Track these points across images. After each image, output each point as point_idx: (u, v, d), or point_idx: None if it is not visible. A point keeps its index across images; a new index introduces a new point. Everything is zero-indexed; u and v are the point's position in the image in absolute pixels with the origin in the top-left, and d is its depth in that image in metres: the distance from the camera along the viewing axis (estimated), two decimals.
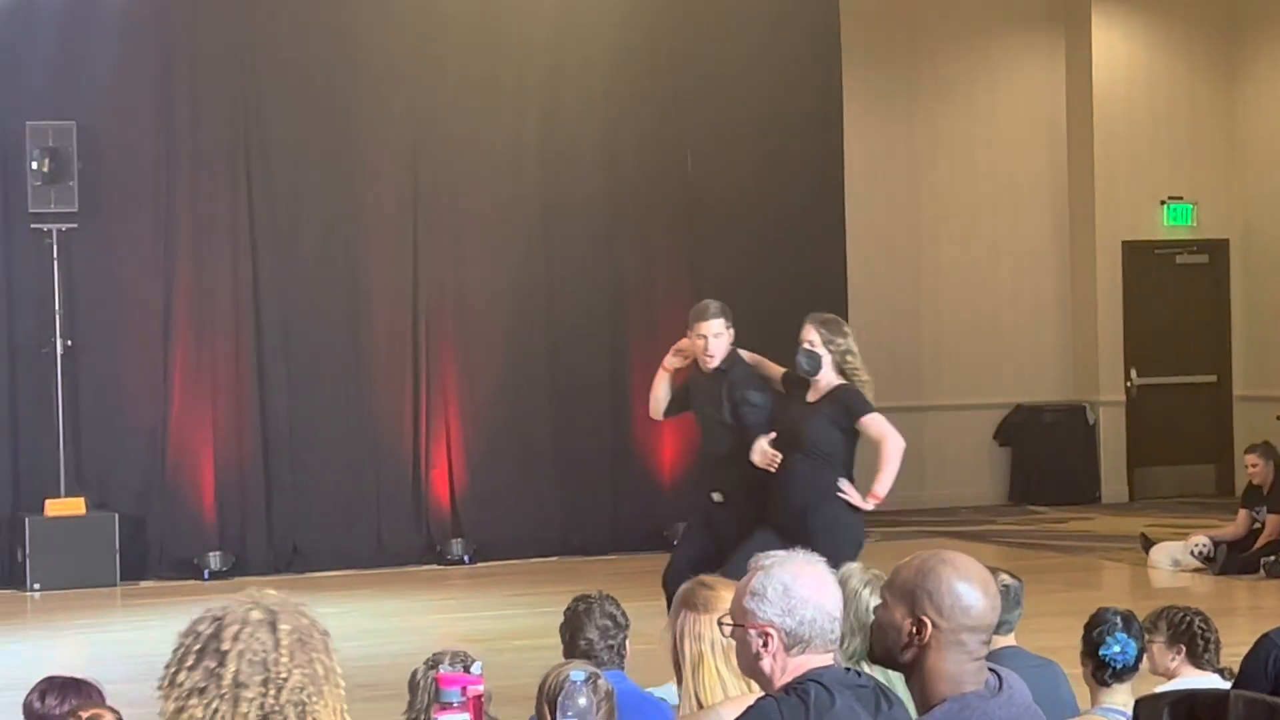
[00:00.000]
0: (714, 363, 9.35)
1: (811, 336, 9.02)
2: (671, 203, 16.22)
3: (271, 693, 3.76)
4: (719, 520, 9.27)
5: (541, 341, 15.84)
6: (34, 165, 14.15)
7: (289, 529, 15.09)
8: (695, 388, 9.54)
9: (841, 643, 4.83)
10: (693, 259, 16.26)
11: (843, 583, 5.07)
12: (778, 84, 16.38)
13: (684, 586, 5.02)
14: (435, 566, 15.14)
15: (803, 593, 4.20)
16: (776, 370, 9.48)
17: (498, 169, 15.70)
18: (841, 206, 16.72)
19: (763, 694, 4.18)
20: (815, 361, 9.00)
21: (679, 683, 4.92)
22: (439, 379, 15.50)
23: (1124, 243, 18.43)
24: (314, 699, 3.80)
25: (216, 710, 3.78)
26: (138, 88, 14.82)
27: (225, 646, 3.79)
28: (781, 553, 4.28)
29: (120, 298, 14.76)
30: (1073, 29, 18.39)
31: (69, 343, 14.42)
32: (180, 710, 3.79)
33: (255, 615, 3.83)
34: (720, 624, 4.36)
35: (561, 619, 5.88)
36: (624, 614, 5.91)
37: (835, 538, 8.43)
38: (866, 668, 4.44)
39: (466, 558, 15.23)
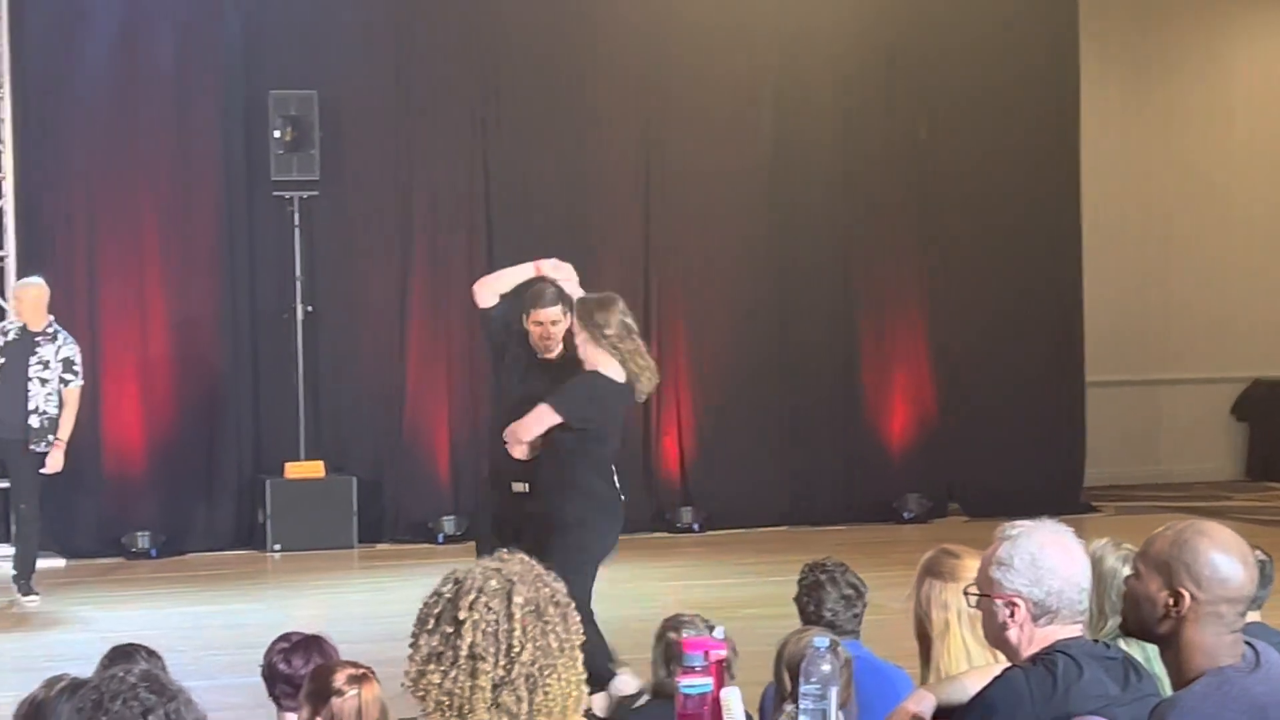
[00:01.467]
0: (554, 349, 8.99)
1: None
2: (904, 171, 16.10)
3: (503, 664, 3.80)
4: (515, 514, 8.86)
5: (772, 310, 15.82)
6: (276, 134, 14.43)
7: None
8: (535, 368, 9.07)
9: (1093, 621, 4.77)
10: (924, 227, 16.14)
11: (1098, 560, 5.00)
12: (1013, 51, 16.17)
13: (928, 555, 4.98)
14: (665, 534, 15.21)
15: (1050, 563, 4.14)
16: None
17: (730, 139, 15.69)
18: (1077, 177, 16.46)
19: (1009, 664, 4.15)
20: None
21: (922, 653, 4.88)
22: (670, 347, 15.54)
23: None
24: (546, 672, 3.82)
25: (455, 680, 3.82)
26: (377, 57, 15.03)
27: (461, 615, 3.82)
28: (1028, 522, 4.22)
29: (358, 264, 15.00)
30: None
31: (309, 309, 14.70)
32: (421, 675, 3.84)
33: (493, 584, 3.86)
34: (966, 593, 4.32)
35: (797, 587, 5.87)
36: (863, 582, 5.90)
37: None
38: (1122, 644, 4.37)
39: (696, 526, 15.28)
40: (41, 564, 13.62)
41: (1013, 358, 16.12)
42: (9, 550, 12.78)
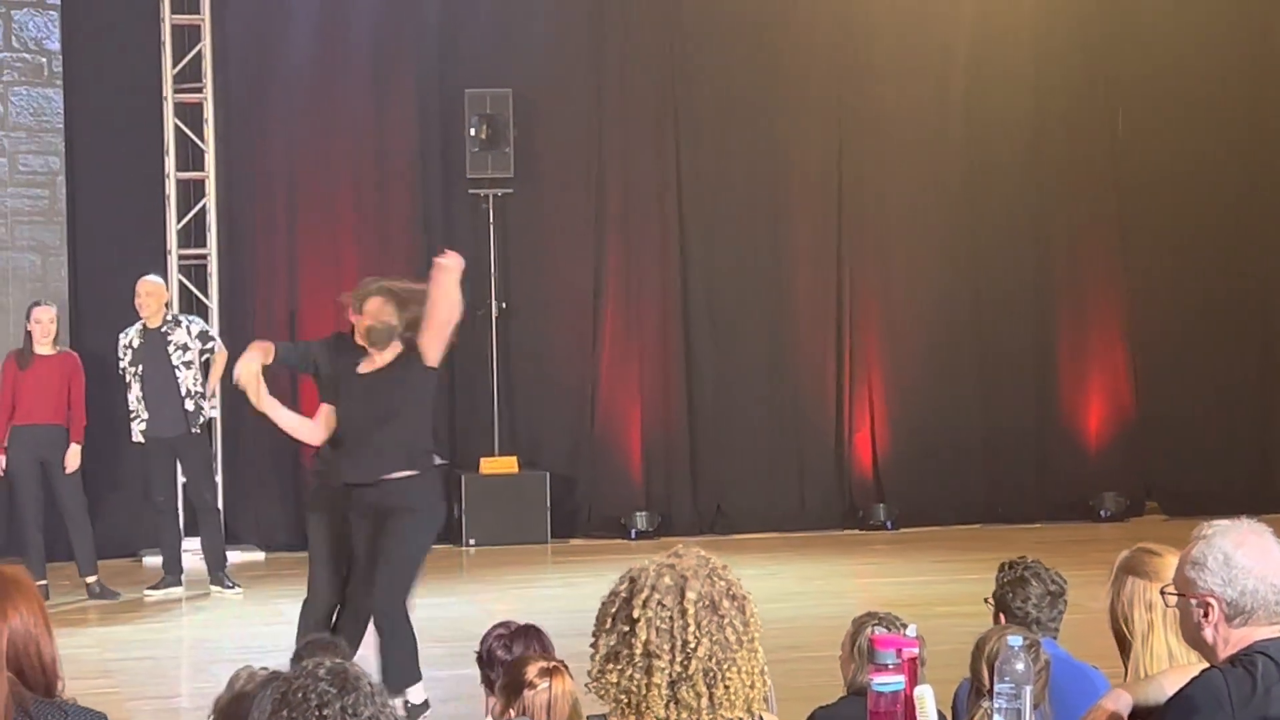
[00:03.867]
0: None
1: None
2: (1100, 167, 15.91)
3: (680, 660, 3.81)
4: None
5: (966, 305, 15.70)
6: (472, 132, 14.58)
7: (713, 490, 15.27)
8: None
9: None
10: (1122, 223, 15.94)
11: None
12: (1214, 40, 15.90)
13: (1127, 554, 4.91)
14: (857, 531, 15.16)
15: (1244, 562, 4.07)
16: None
17: (922, 132, 15.60)
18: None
19: (1208, 665, 4.09)
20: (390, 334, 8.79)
21: (1123, 653, 4.82)
22: (861, 342, 15.49)
23: None
24: (724, 665, 3.83)
25: (632, 678, 3.84)
26: (570, 55, 15.13)
27: (636, 613, 3.84)
28: (1225, 521, 4.16)
29: (552, 262, 15.11)
30: None
31: (503, 305, 14.83)
32: (601, 674, 3.87)
33: (666, 581, 3.88)
34: (1163, 593, 4.26)
35: (996, 583, 5.81)
36: (1065, 580, 5.83)
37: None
38: None
39: (889, 523, 15.21)
40: (241, 557, 13.92)
41: (1213, 353, 15.85)
42: (194, 544, 13.00)
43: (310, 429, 8.98)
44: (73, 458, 12.37)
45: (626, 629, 3.86)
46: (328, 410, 8.87)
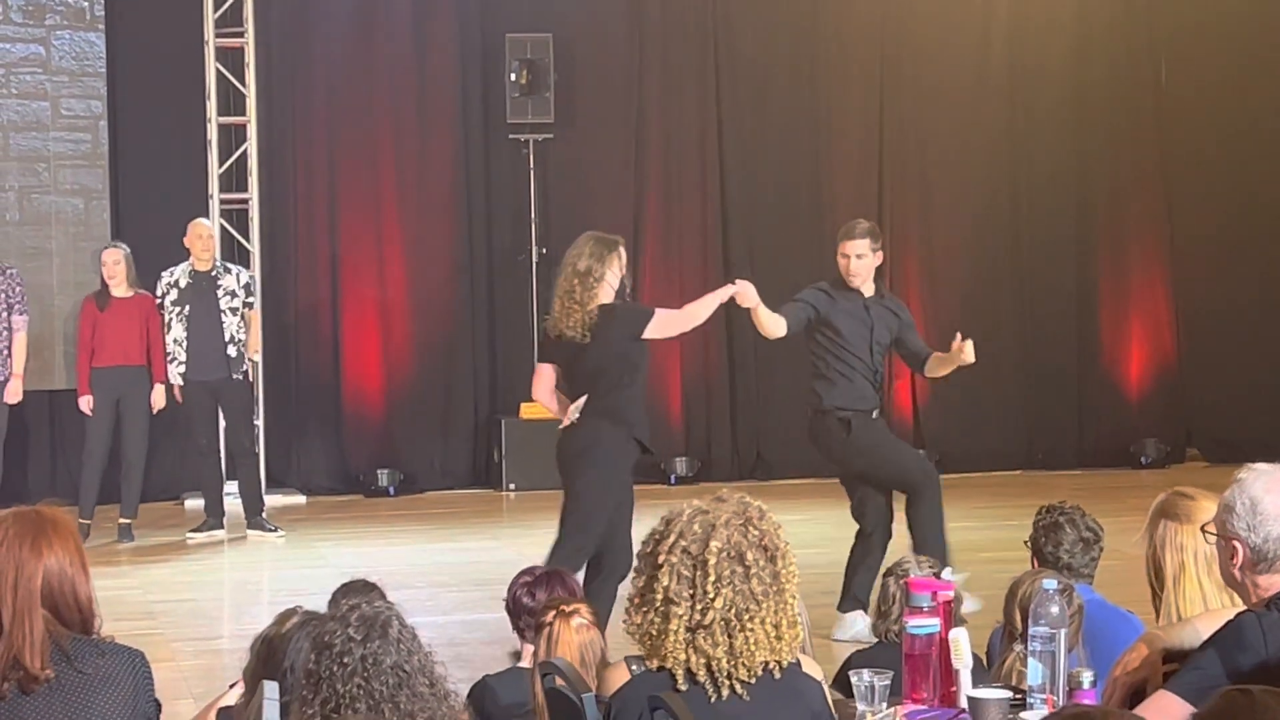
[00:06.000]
0: (857, 283, 9.20)
1: None
2: (1143, 115, 15.82)
3: (698, 609, 3.82)
4: None
5: (1007, 251, 15.66)
6: (512, 77, 14.56)
7: (753, 436, 15.28)
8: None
9: None
10: (1165, 172, 15.86)
11: None
12: None
13: (1162, 498, 4.91)
14: None
15: (1271, 509, 4.04)
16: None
17: (963, 80, 15.54)
18: None
19: (1243, 608, 4.08)
20: None
21: (1155, 595, 4.82)
22: (902, 288, 15.43)
23: None
24: (745, 617, 3.84)
25: (652, 621, 3.86)
26: (610, 0, 15.08)
27: (660, 559, 3.86)
28: (1265, 465, 4.14)
29: (592, 207, 15.08)
30: None
31: (543, 250, 14.83)
32: (627, 615, 3.89)
33: (695, 529, 3.89)
34: (1203, 530, 4.25)
35: (1033, 528, 5.81)
36: (1100, 526, 5.83)
37: None
38: None
39: None
40: (283, 500, 13.99)
41: (1255, 299, 15.78)
42: (234, 488, 13.06)
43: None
44: (158, 397, 12.45)
45: (651, 574, 3.89)
46: None
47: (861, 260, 9.35)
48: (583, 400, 8.35)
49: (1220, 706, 2.86)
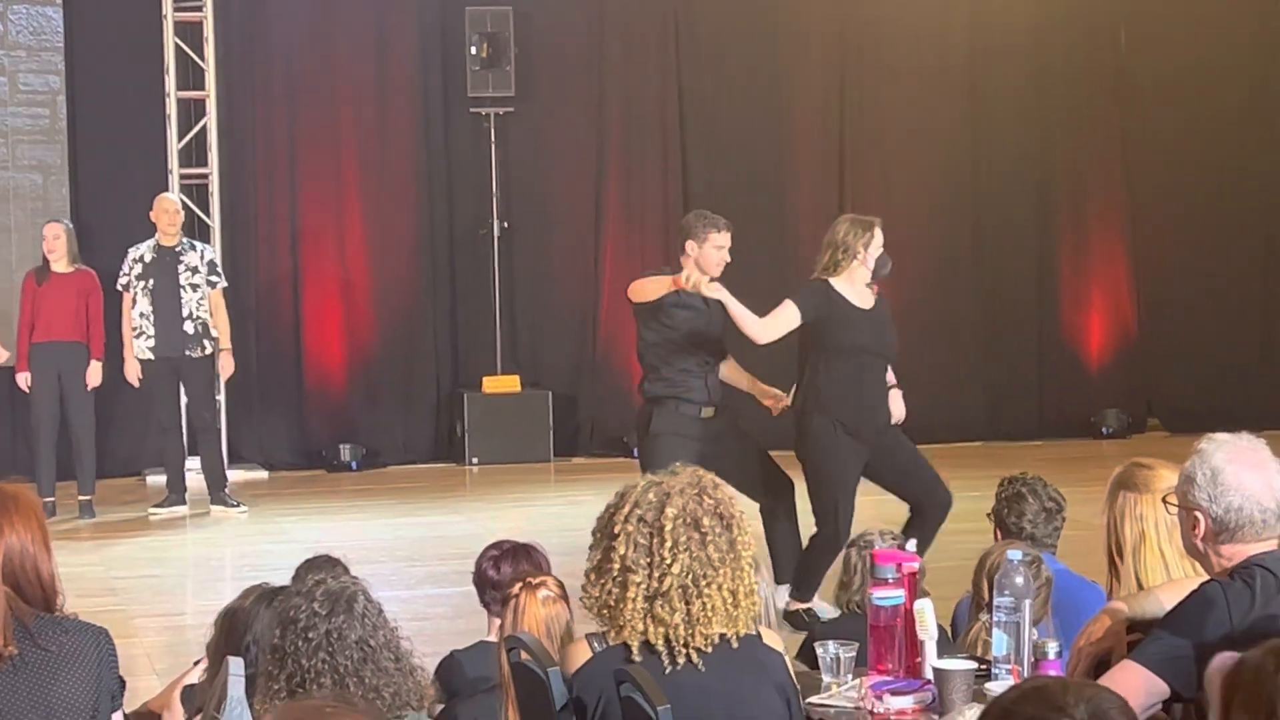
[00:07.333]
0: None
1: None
2: (1102, 83, 15.84)
3: (656, 576, 3.83)
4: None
5: (967, 222, 15.68)
6: (473, 50, 14.52)
7: None
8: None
9: None
10: (1124, 141, 15.89)
11: None
12: None
13: (1121, 469, 4.92)
14: None
15: (1231, 480, 4.04)
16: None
17: (923, 50, 15.53)
18: None
19: (1207, 578, 4.10)
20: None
21: (1114, 567, 4.83)
22: None
23: None
24: (703, 582, 3.85)
25: (610, 592, 3.87)
26: None
27: (616, 529, 3.88)
28: (1225, 435, 4.15)
29: (554, 180, 15.08)
30: None
31: (505, 224, 14.81)
32: (584, 589, 3.90)
33: (650, 498, 3.90)
34: (1165, 501, 4.26)
35: (995, 499, 5.82)
36: (1063, 496, 5.85)
37: None
38: None
39: None
40: (245, 475, 13.95)
41: (1215, 269, 15.83)
42: (196, 463, 13.01)
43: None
44: (94, 374, 12.38)
45: (608, 544, 3.90)
46: None
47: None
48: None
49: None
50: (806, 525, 9.11)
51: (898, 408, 9.06)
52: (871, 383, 8.85)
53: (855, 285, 8.84)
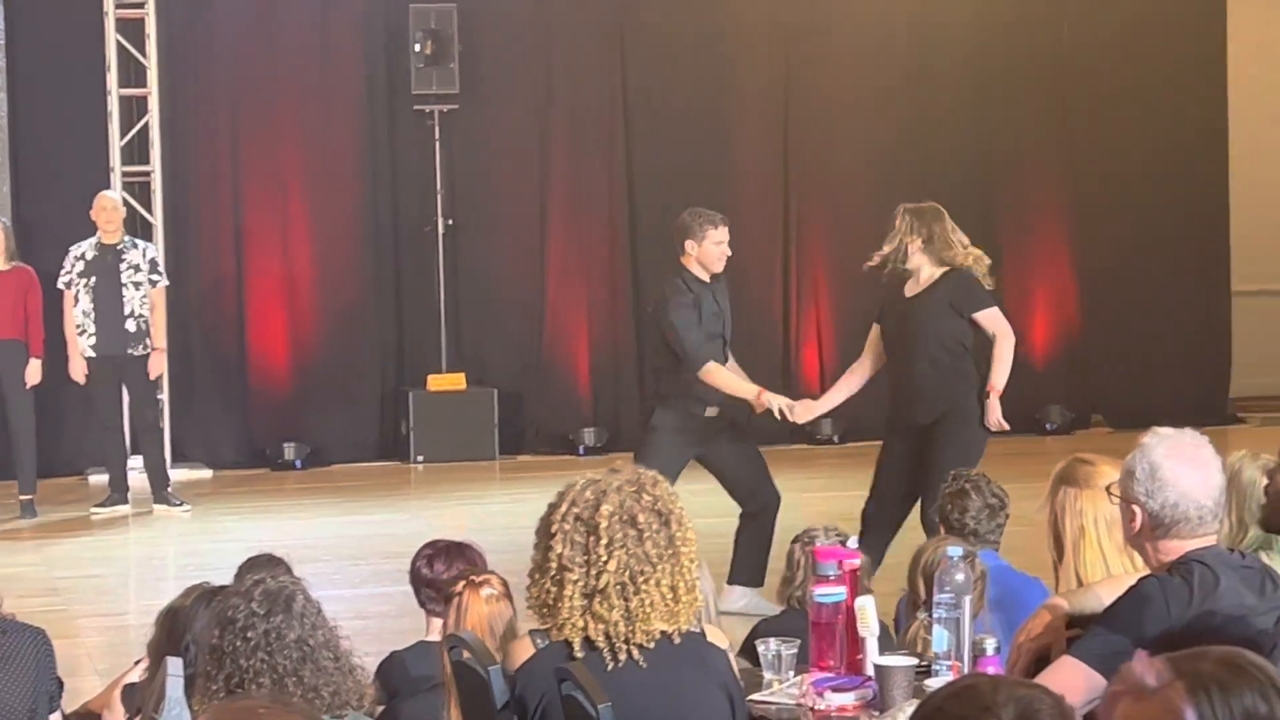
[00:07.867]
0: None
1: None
2: (1045, 79, 15.90)
3: (592, 574, 3.83)
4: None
5: None
6: (417, 48, 14.48)
7: None
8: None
9: (1232, 532, 4.73)
10: (1066, 137, 15.95)
11: (1237, 472, 4.94)
12: None
13: (1062, 465, 4.93)
14: (804, 445, 15.18)
15: (1168, 475, 4.05)
16: None
17: (867, 47, 15.56)
18: (1224, 81, 16.17)
19: (1145, 573, 4.12)
20: None
21: (1057, 562, 4.85)
22: (809, 258, 15.52)
23: None
24: (640, 579, 3.85)
25: (548, 590, 3.87)
26: None
27: (553, 528, 3.88)
28: (1168, 430, 4.16)
29: (498, 178, 15.05)
30: None
31: (449, 222, 14.78)
32: (528, 589, 3.91)
33: (587, 495, 3.91)
34: (1109, 492, 4.27)
35: (939, 496, 5.84)
36: (1005, 493, 5.87)
37: None
38: (1263, 555, 4.32)
39: (836, 437, 15.25)
40: (188, 475, 13.89)
41: (1157, 267, 15.91)
42: (139, 462, 12.93)
43: None
44: (33, 372, 12.29)
45: (547, 543, 3.90)
46: None
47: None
48: None
49: None
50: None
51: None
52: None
53: None
